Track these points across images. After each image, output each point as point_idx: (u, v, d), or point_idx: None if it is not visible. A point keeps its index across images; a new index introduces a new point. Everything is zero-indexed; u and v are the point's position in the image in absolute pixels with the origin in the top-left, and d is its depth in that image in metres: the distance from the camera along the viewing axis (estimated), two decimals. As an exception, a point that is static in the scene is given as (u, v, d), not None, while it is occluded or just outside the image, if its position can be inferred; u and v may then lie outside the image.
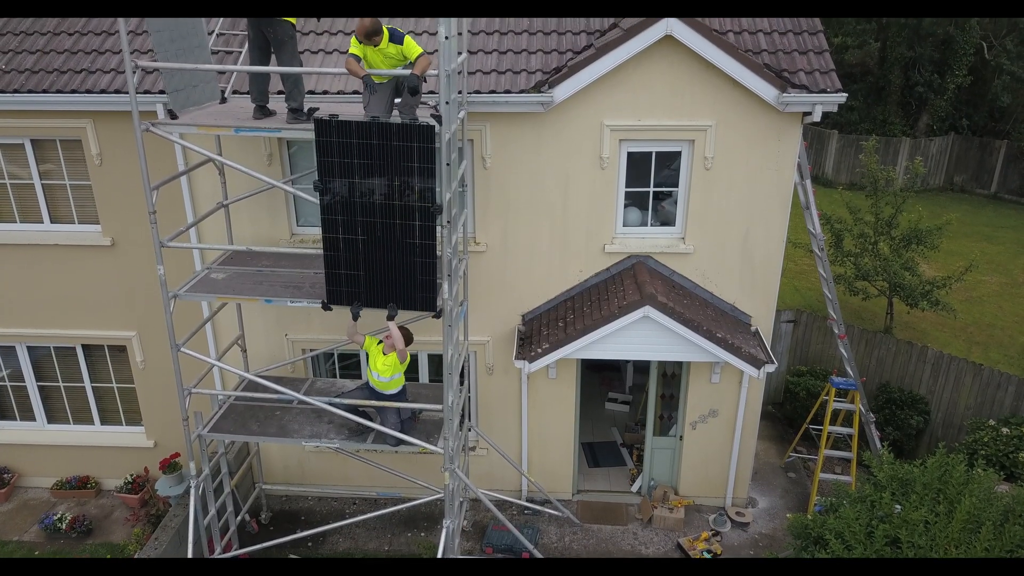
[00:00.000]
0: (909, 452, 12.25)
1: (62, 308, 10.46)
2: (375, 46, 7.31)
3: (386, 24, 7.45)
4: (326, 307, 7.73)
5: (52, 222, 10.16)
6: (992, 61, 25.98)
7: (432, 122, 7.10)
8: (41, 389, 11.21)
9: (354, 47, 7.38)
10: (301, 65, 7.82)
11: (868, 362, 12.86)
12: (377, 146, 6.99)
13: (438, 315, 7.69)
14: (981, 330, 16.46)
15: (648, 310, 9.01)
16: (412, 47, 7.36)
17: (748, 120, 9.10)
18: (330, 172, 7.12)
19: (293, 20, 7.64)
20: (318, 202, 7.27)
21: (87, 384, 11.10)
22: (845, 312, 15.88)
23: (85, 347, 10.86)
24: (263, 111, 7.93)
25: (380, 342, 8.33)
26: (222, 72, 8.80)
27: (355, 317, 7.85)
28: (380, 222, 7.26)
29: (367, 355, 8.63)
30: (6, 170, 9.93)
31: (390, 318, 7.74)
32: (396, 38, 7.35)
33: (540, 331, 9.78)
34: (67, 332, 10.60)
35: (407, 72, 7.20)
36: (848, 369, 11.18)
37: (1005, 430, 10.70)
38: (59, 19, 9.91)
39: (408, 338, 8.30)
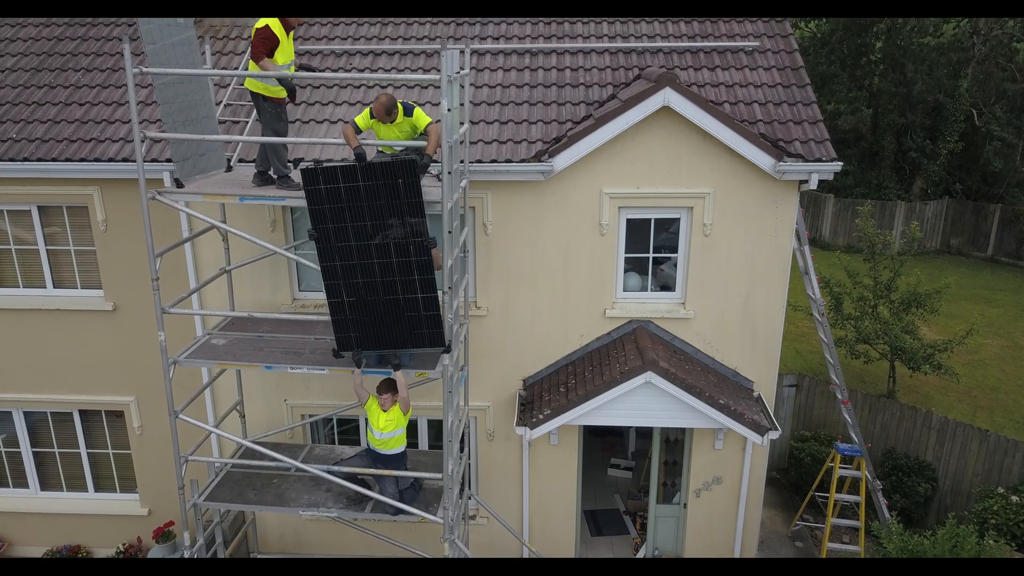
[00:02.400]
0: (918, 520, 12.01)
1: (61, 373, 10.42)
2: (392, 122, 7.48)
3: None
4: (337, 354, 7.65)
5: (55, 287, 10.20)
6: (983, 127, 26.50)
7: (413, 156, 7.18)
8: (35, 455, 11.07)
9: (362, 119, 7.53)
10: (281, 135, 7.96)
11: (872, 427, 12.73)
12: (364, 187, 7.03)
13: (447, 350, 7.63)
14: (985, 394, 16.34)
15: (650, 376, 8.97)
16: (422, 117, 7.51)
17: (746, 188, 9.23)
18: (322, 220, 7.13)
19: (265, 91, 7.69)
20: (319, 268, 7.31)
21: (83, 450, 10.95)
22: (847, 375, 15.80)
23: (82, 412, 10.77)
24: (262, 177, 8.05)
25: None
26: (228, 141, 8.97)
27: (357, 364, 7.71)
28: (377, 263, 7.24)
29: (367, 418, 8.53)
30: (11, 235, 10.03)
31: (396, 368, 7.69)
32: (407, 111, 7.52)
33: (541, 396, 9.71)
34: (65, 397, 10.53)
35: (419, 144, 7.35)
36: (852, 435, 11.06)
37: (1015, 499, 10.52)
38: (72, 89, 10.17)
39: (391, 385, 8.15)
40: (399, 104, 7.52)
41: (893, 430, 12.50)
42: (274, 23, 7.44)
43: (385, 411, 8.12)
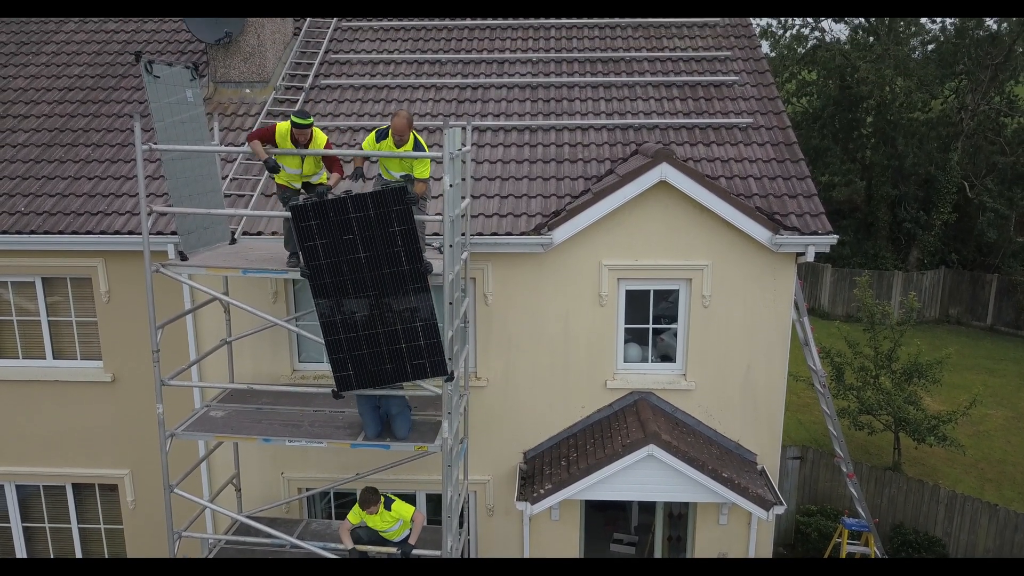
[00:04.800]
0: (930, 599, 11.65)
1: (57, 445, 10.30)
2: (398, 147, 7.52)
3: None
4: (337, 395, 7.46)
5: (55, 358, 10.19)
6: (975, 199, 26.92)
7: (403, 182, 7.16)
8: (25, 530, 10.83)
9: (368, 146, 7.59)
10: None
11: (879, 501, 12.50)
12: (356, 219, 6.94)
13: (450, 378, 7.46)
14: (992, 466, 16.10)
15: (652, 449, 8.87)
16: (421, 166, 7.59)
17: (743, 260, 9.34)
18: (315, 256, 7.04)
19: (280, 179, 7.76)
20: (322, 341, 7.31)
21: (74, 525, 10.72)
22: (851, 447, 15.59)
23: (75, 485, 10.59)
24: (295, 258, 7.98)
25: (367, 511, 8.06)
26: (232, 215, 9.12)
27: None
28: (374, 295, 7.10)
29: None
30: (14, 306, 10.08)
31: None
32: (417, 146, 7.62)
33: (542, 470, 9.58)
34: (60, 470, 10.37)
35: (404, 182, 7.34)
36: (860, 509, 10.85)
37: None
38: (82, 164, 10.39)
39: (373, 495, 8.02)
40: (412, 135, 7.58)
41: (901, 504, 12.28)
42: (283, 125, 7.60)
43: (375, 515, 8.00)
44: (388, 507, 8.02)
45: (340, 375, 7.33)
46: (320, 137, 7.62)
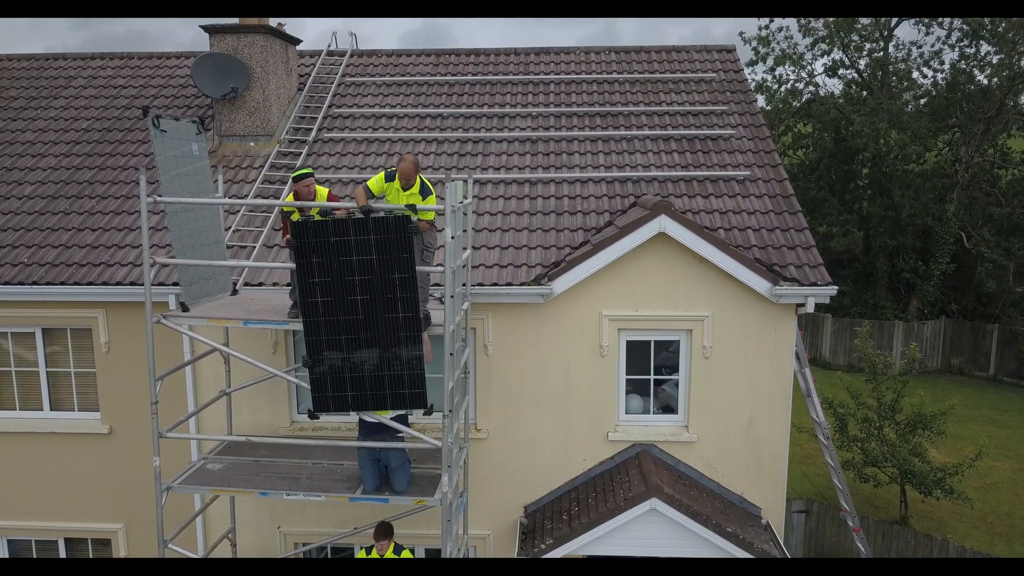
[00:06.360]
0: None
1: (51, 499, 10.15)
2: (404, 190, 7.59)
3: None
4: (313, 415, 7.37)
5: (52, 409, 10.12)
6: (972, 249, 27.07)
7: (407, 211, 7.14)
8: (15, 587, 10.58)
9: (375, 183, 7.63)
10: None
11: (887, 556, 12.25)
12: (355, 242, 6.89)
13: (429, 412, 7.37)
14: (1000, 520, 15.82)
15: (655, 502, 8.73)
16: (425, 210, 7.64)
17: (743, 311, 9.35)
18: (309, 274, 6.97)
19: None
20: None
21: (64, 582, 10.48)
22: (857, 500, 15.35)
23: (68, 540, 10.39)
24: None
25: (368, 550, 8.00)
26: (235, 267, 9.16)
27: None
28: (363, 319, 7.02)
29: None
30: (13, 357, 10.05)
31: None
32: (424, 191, 7.66)
33: (543, 524, 9.41)
34: (53, 524, 10.20)
35: (407, 211, 7.32)
36: (867, 565, 10.63)
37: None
38: (86, 215, 10.49)
39: (388, 531, 8.00)
40: (420, 177, 7.64)
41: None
42: (321, 191, 7.89)
43: (383, 554, 7.90)
44: (397, 552, 7.96)
45: (318, 396, 7.25)
46: (321, 191, 7.74)
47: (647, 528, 8.93)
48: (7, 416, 10.10)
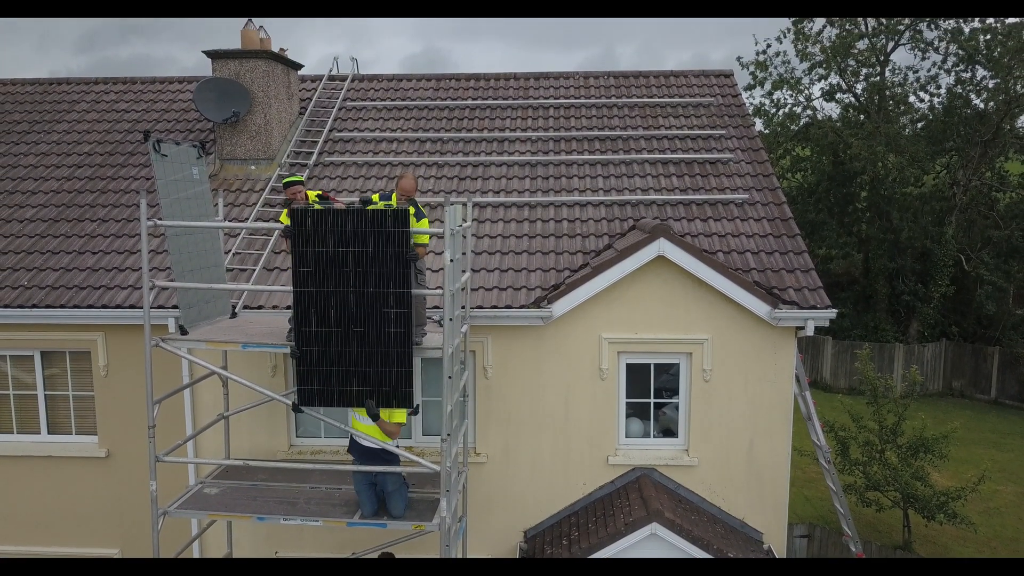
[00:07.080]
0: None
1: (45, 523, 10.05)
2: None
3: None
4: (296, 409, 7.31)
5: (49, 432, 10.07)
6: (972, 272, 27.12)
7: (405, 205, 7.14)
8: (9, 614, 10.47)
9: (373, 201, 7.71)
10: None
11: (890, 582, 12.12)
12: (352, 233, 6.86)
13: (415, 411, 7.33)
14: (1005, 544, 15.68)
15: (655, 527, 8.66)
16: (421, 233, 7.66)
17: (743, 334, 9.34)
18: (303, 263, 6.93)
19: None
20: (320, 416, 7.25)
21: (59, 608, 10.37)
22: (860, 524, 15.22)
23: (63, 566, 10.30)
24: None
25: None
26: (235, 290, 9.18)
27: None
28: (355, 312, 6.97)
29: None
30: (12, 380, 10.03)
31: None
32: (418, 215, 7.71)
33: (543, 549, 9.33)
34: (46, 550, 10.08)
35: (407, 206, 7.36)
36: (870, 591, 10.52)
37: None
38: (87, 238, 10.51)
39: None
40: (414, 200, 7.69)
41: (912, 585, 11.90)
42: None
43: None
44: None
45: (303, 389, 7.19)
46: (311, 196, 7.80)
47: (648, 553, 8.84)
48: (4, 439, 10.05)
